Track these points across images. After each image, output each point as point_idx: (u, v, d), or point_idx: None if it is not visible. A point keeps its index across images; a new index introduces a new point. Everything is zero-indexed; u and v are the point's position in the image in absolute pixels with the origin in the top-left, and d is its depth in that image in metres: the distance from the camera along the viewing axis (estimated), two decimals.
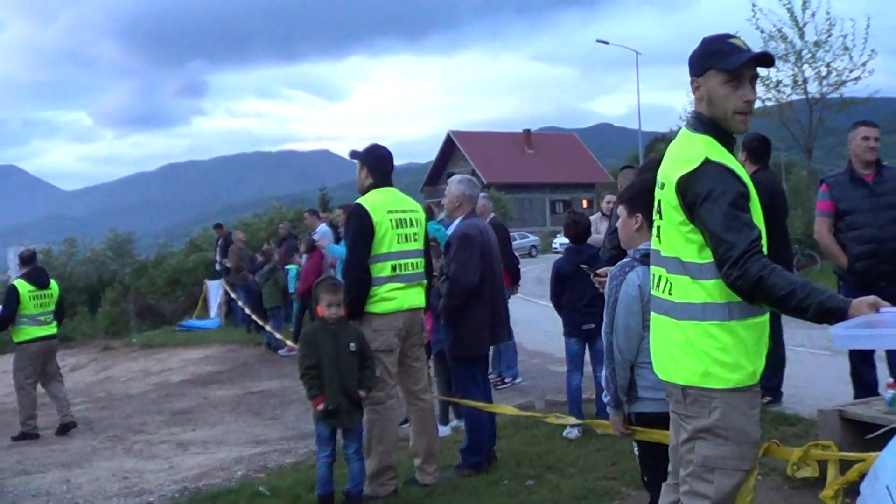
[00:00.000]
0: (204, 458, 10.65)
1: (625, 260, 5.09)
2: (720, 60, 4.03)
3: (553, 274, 9.52)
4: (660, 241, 4.18)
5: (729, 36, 4.12)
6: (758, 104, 33.39)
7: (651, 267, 4.36)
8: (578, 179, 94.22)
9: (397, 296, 7.69)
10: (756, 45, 31.71)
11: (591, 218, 12.87)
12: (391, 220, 7.68)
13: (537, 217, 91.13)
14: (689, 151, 3.98)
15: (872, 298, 3.67)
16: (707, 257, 3.92)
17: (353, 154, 8.14)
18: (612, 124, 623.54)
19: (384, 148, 8.19)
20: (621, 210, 5.28)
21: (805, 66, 32.35)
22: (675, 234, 4.04)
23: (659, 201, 4.13)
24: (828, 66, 32.15)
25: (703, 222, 3.86)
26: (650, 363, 4.77)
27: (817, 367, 12.37)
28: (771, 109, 33.24)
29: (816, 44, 31.87)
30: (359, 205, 7.74)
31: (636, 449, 5.19)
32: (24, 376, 13.15)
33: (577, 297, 9.22)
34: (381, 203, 7.76)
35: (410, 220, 7.88)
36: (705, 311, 3.95)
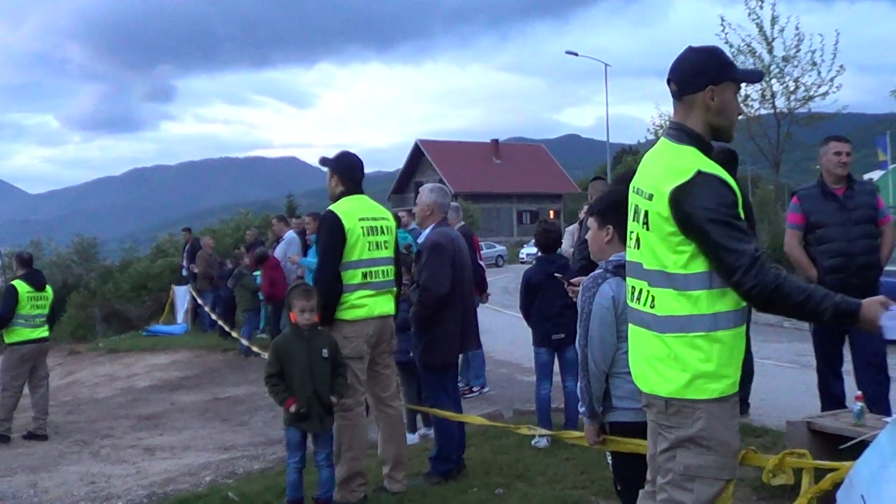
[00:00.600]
0: (171, 464, 10.62)
1: (597, 271, 5.10)
2: (737, 71, 4.15)
3: (523, 283, 9.56)
4: (640, 253, 4.18)
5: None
6: None
7: (628, 279, 4.36)
8: (546, 190, 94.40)
9: (368, 303, 7.69)
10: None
11: (569, 229, 12.93)
12: (363, 228, 7.69)
13: (504, 227, 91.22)
14: (680, 163, 4.00)
15: (882, 298, 3.78)
16: (695, 268, 3.95)
17: (324, 161, 8.13)
18: (579, 135, 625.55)
19: (355, 155, 8.21)
20: (591, 222, 5.30)
21: (773, 81, 32.60)
22: (662, 246, 4.04)
23: (645, 212, 4.11)
24: (796, 81, 32.44)
25: (702, 234, 3.88)
26: (625, 373, 4.81)
27: (783, 379, 12.47)
28: (739, 123, 33.43)
29: (785, 59, 32.14)
30: (331, 212, 7.75)
31: (609, 458, 5.22)
32: (12, 377, 13.03)
33: (547, 307, 9.27)
34: (353, 210, 7.77)
35: (382, 227, 7.90)
36: (691, 323, 3.98)
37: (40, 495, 9.77)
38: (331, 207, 7.81)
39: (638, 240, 4.22)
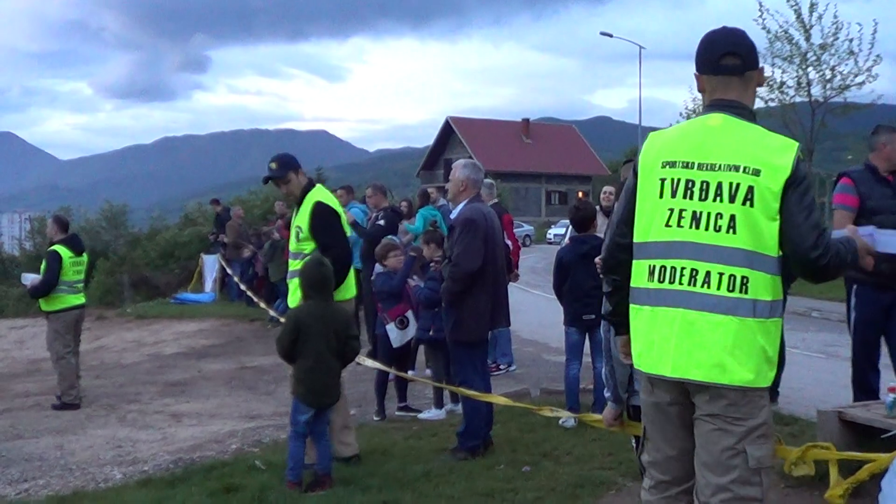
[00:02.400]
0: (198, 431, 10.67)
1: None
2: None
3: (556, 262, 9.55)
4: (734, 237, 3.92)
5: None
6: (760, 104, 33.27)
7: (683, 260, 3.98)
8: (575, 171, 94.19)
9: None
10: (761, 46, 31.38)
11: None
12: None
13: (532, 207, 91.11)
14: (776, 139, 3.96)
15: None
16: (779, 251, 3.90)
17: (276, 169, 8.43)
18: (610, 118, 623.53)
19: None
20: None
21: (809, 69, 32.30)
22: (767, 225, 3.88)
23: (749, 188, 3.89)
24: (832, 69, 32.08)
25: (796, 207, 3.84)
26: None
27: (811, 369, 12.43)
28: (773, 110, 33.16)
29: (822, 46, 31.77)
30: (325, 203, 8.28)
31: (633, 441, 5.19)
32: (63, 345, 12.84)
33: (579, 286, 9.25)
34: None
35: None
36: (774, 308, 3.91)
37: (66, 458, 9.82)
38: (322, 199, 8.32)
39: (732, 220, 3.91)
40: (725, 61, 4.11)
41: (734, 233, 3.90)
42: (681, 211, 4.00)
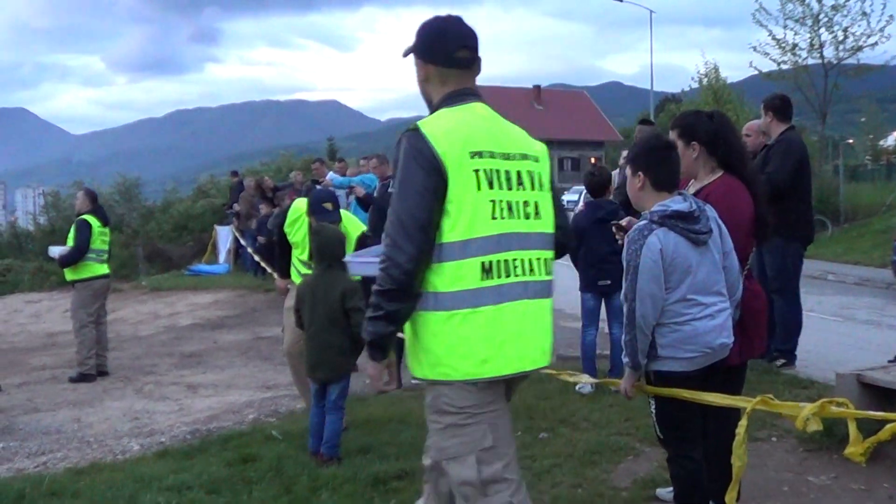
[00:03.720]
0: (214, 401, 10.69)
1: (641, 222, 4.98)
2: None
3: (570, 228, 9.51)
4: (541, 222, 4.04)
5: None
6: (773, 67, 33.14)
7: (513, 252, 3.88)
8: (587, 137, 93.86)
9: None
10: (774, 7, 31.07)
11: (613, 173, 12.84)
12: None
13: None
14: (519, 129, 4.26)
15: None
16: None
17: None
18: (622, 83, 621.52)
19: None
20: (628, 169, 5.23)
21: (822, 30, 32.13)
22: (549, 209, 4.10)
23: (539, 174, 4.10)
24: (845, 30, 31.90)
25: (555, 190, 4.21)
26: (671, 323, 4.80)
27: (827, 332, 12.38)
28: (786, 73, 33.01)
29: (834, 7, 31.62)
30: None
31: (652, 406, 5.17)
32: (87, 314, 12.95)
33: (594, 252, 9.22)
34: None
35: None
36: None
37: (84, 430, 9.85)
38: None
39: (536, 206, 4.00)
40: (461, 54, 4.07)
41: (539, 218, 4.01)
42: (500, 202, 3.87)
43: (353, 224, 9.04)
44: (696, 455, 5.03)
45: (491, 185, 3.84)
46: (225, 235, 26.73)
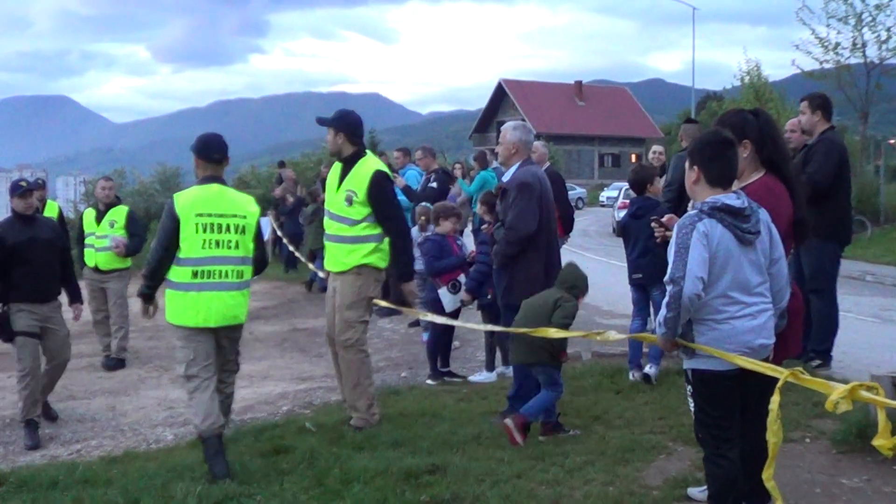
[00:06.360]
0: (249, 392, 10.72)
1: (691, 212, 5.02)
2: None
3: (619, 230, 9.63)
4: (237, 249, 7.54)
5: None
6: (815, 66, 32.87)
7: (209, 266, 7.30)
8: (628, 133, 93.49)
9: None
10: (817, 6, 30.81)
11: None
12: None
13: (585, 169, 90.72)
14: (245, 196, 7.58)
15: None
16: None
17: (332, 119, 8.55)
18: (664, 80, 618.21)
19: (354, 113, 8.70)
20: (686, 162, 5.22)
21: (865, 29, 31.87)
22: (249, 244, 7.46)
23: (243, 225, 7.44)
24: (888, 30, 31.66)
25: (257, 232, 7.65)
26: (710, 320, 4.79)
27: (864, 333, 12.27)
28: (828, 72, 32.78)
29: (877, 6, 31.37)
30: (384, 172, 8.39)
31: (692, 405, 5.16)
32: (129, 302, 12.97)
33: (630, 248, 9.29)
34: None
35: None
36: (248, 283, 7.68)
37: (119, 419, 9.94)
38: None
39: (236, 243, 7.41)
40: (216, 156, 7.50)
41: (237, 249, 7.28)
42: (210, 239, 7.18)
43: None
44: (733, 455, 5.01)
45: (205, 231, 7.15)
46: (264, 226, 26.73)
